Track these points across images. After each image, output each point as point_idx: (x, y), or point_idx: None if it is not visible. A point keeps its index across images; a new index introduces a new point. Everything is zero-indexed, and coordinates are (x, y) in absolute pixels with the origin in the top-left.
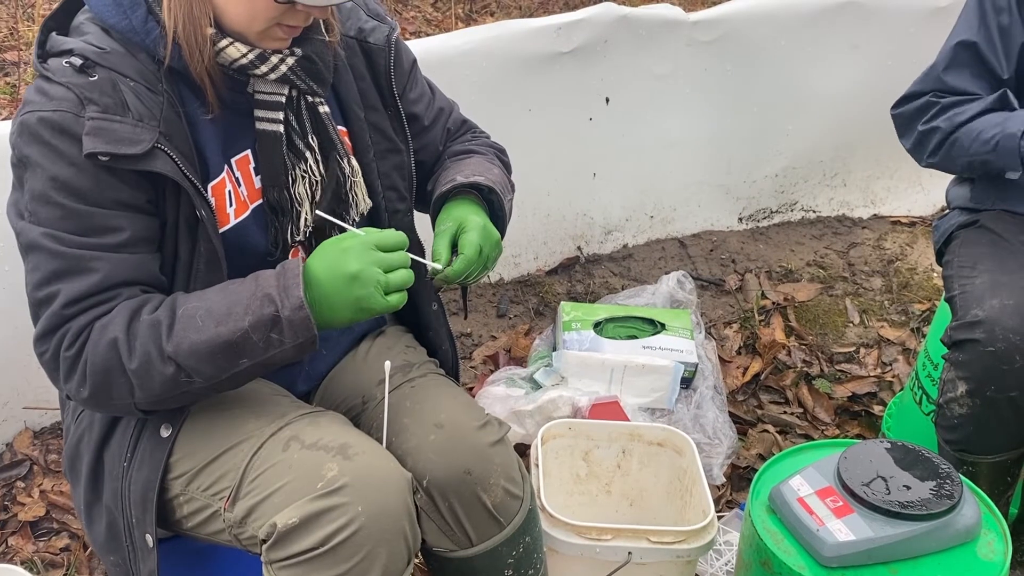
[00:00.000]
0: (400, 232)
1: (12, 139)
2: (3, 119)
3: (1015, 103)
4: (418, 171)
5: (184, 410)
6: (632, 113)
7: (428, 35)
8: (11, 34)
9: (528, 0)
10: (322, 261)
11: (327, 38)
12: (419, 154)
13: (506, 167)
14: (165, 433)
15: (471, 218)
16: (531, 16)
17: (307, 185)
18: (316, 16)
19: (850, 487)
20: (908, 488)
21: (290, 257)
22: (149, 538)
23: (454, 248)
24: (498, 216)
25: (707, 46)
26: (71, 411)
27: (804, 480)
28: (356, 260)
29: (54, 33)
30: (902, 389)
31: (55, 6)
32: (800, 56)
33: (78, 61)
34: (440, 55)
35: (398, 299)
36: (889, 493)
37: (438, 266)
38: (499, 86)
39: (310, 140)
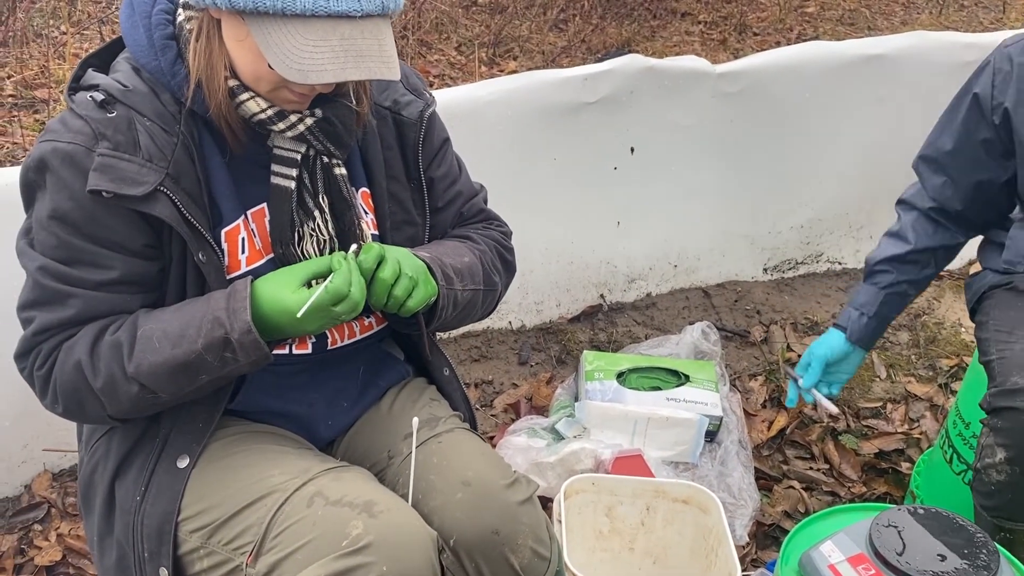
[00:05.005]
0: (327, 256)
1: (28, 162)
2: None
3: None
4: None
5: (201, 441)
6: (657, 163)
7: (452, 78)
8: (42, 72)
9: (550, 45)
10: (265, 281)
11: (353, 105)
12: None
13: (502, 261)
14: (182, 464)
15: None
16: (553, 60)
17: (315, 244)
18: (320, 91)
19: (883, 555)
20: (942, 558)
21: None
22: (164, 572)
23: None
24: (447, 295)
25: (732, 97)
26: (84, 441)
27: (835, 546)
28: (285, 273)
29: (92, 69)
30: (930, 446)
31: (88, 45)
32: (825, 108)
33: (100, 96)
34: (467, 105)
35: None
36: (923, 563)
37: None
38: (525, 135)
39: (320, 200)
